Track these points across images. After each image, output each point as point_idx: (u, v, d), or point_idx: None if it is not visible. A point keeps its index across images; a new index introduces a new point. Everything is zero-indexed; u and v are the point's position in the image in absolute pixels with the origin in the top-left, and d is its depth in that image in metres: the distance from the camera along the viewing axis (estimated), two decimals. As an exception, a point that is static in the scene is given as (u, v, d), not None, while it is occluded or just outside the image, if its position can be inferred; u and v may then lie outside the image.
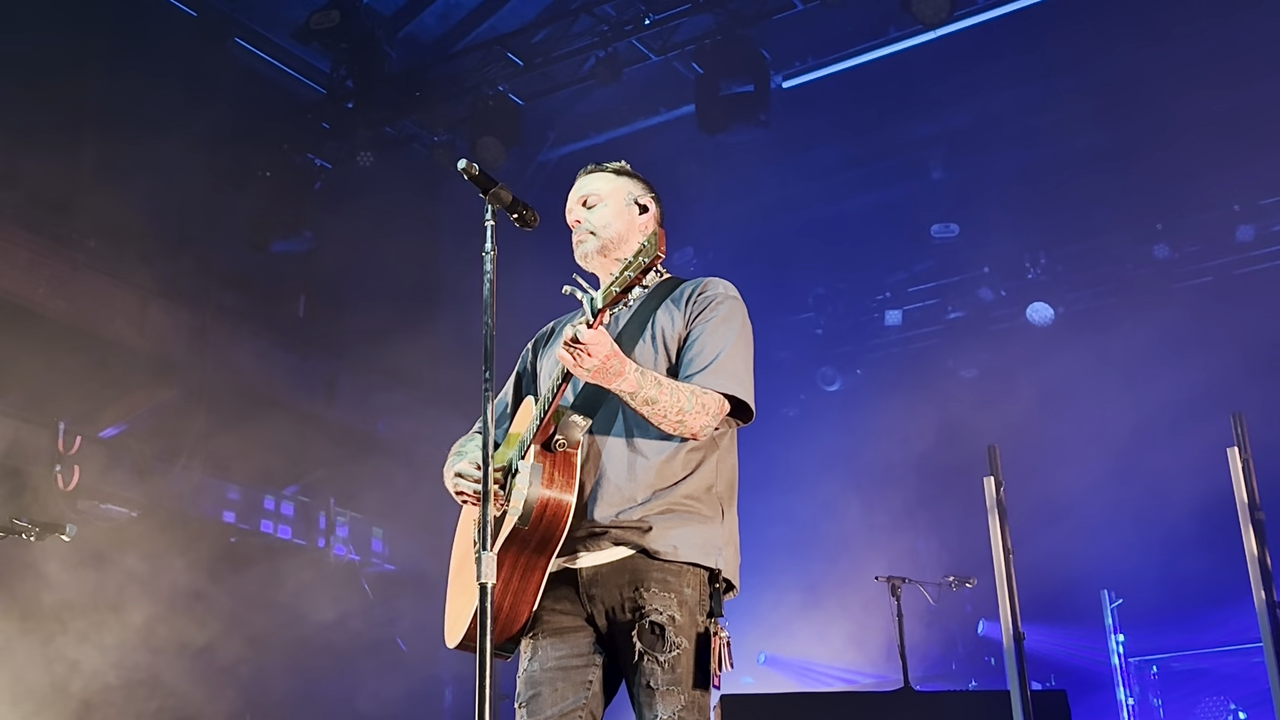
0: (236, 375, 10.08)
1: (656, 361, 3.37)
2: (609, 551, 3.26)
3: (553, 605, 3.30)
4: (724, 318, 3.39)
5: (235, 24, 10.04)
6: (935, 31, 9.31)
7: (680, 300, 3.45)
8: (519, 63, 9.91)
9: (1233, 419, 6.33)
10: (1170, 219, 10.68)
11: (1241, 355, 9.56)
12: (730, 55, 9.40)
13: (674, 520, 3.25)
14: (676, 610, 3.19)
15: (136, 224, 9.22)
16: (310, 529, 10.81)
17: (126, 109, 9.34)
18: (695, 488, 3.31)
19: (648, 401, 3.17)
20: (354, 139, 10.19)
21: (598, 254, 3.52)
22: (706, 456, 3.36)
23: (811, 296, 12.16)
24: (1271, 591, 6.03)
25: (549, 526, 3.17)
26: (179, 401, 9.74)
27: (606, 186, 3.60)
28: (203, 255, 10.12)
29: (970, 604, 10.37)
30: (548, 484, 3.17)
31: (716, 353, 3.32)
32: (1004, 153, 10.61)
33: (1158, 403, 9.73)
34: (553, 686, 3.27)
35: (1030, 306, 11.04)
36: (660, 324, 3.41)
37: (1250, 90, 9.88)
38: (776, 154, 10.37)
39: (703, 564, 3.26)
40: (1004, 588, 6.74)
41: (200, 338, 9.96)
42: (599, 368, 3.06)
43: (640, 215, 3.59)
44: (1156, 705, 9.64)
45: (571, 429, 3.21)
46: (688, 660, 3.17)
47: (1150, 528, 9.82)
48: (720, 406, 3.28)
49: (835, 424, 11.50)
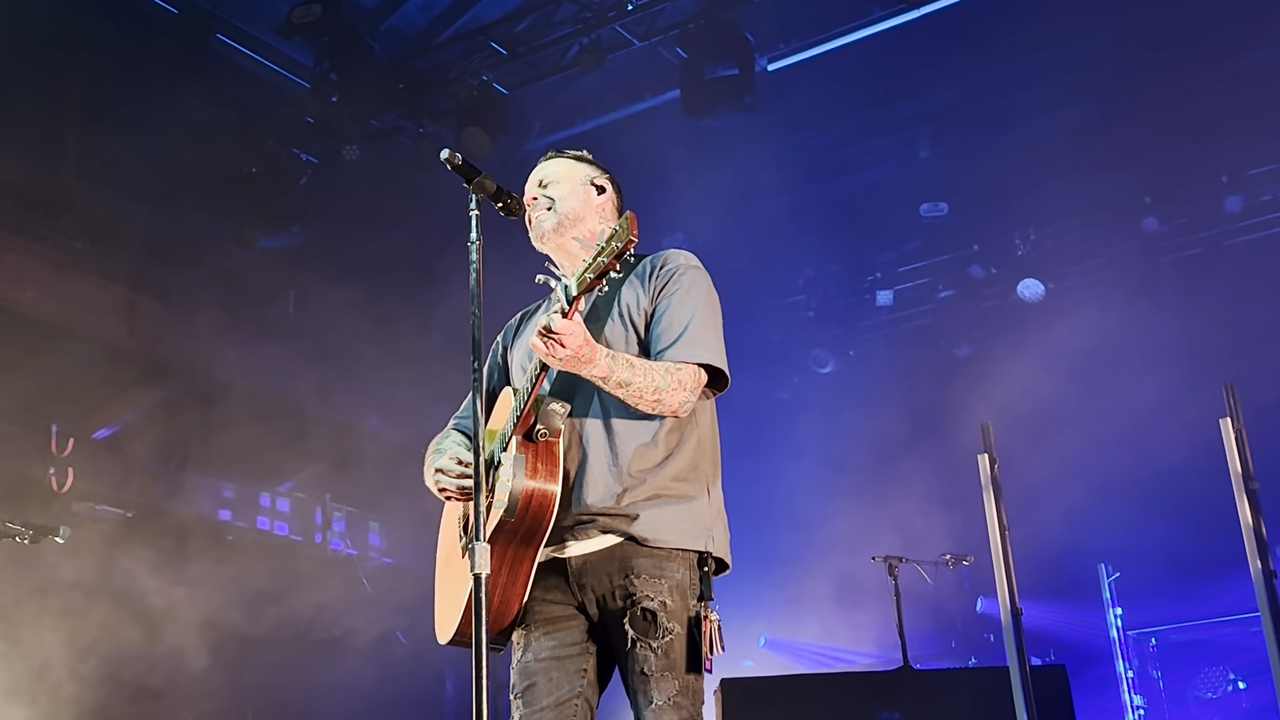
0: (228, 373, 10.05)
1: (627, 340, 3.36)
2: (597, 540, 3.26)
3: (543, 595, 3.31)
4: (687, 288, 3.39)
5: (217, 20, 9.99)
6: (919, 10, 9.31)
7: (644, 276, 3.44)
8: (503, 52, 9.89)
9: (1225, 390, 6.33)
10: (1158, 191, 10.67)
11: (1232, 326, 9.56)
12: (714, 39, 9.38)
13: (660, 505, 3.25)
14: (667, 596, 3.19)
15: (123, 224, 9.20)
16: (307, 525, 10.80)
17: (110, 109, 9.32)
18: (680, 468, 3.30)
19: (621, 385, 3.16)
20: (339, 133, 10.16)
21: (554, 232, 3.51)
22: (687, 434, 3.35)
23: (802, 279, 12.15)
24: (1268, 561, 6.04)
25: (535, 517, 3.17)
26: (171, 401, 9.73)
27: (563, 169, 3.61)
28: (191, 254, 10.09)
29: (969, 582, 10.39)
30: (531, 474, 3.17)
31: (685, 324, 3.32)
32: (991, 130, 10.59)
33: (1150, 375, 9.74)
34: (547, 676, 3.27)
35: (1021, 283, 11.03)
36: (626, 302, 3.40)
37: (1236, 61, 9.87)
38: (763, 137, 10.34)
39: (691, 548, 3.26)
40: (1000, 565, 6.75)
41: (191, 336, 9.95)
42: (572, 356, 3.06)
43: (598, 196, 3.59)
44: (1156, 677, 9.68)
45: (552, 417, 3.20)
46: (680, 645, 3.17)
47: (1146, 500, 9.82)
48: (696, 379, 3.27)
49: (829, 406, 11.49)
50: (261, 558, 9.71)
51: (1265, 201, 10.48)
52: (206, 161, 9.90)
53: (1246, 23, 9.62)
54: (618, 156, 3.99)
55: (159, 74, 9.61)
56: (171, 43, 9.78)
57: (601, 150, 3.78)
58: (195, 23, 9.85)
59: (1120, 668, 9.72)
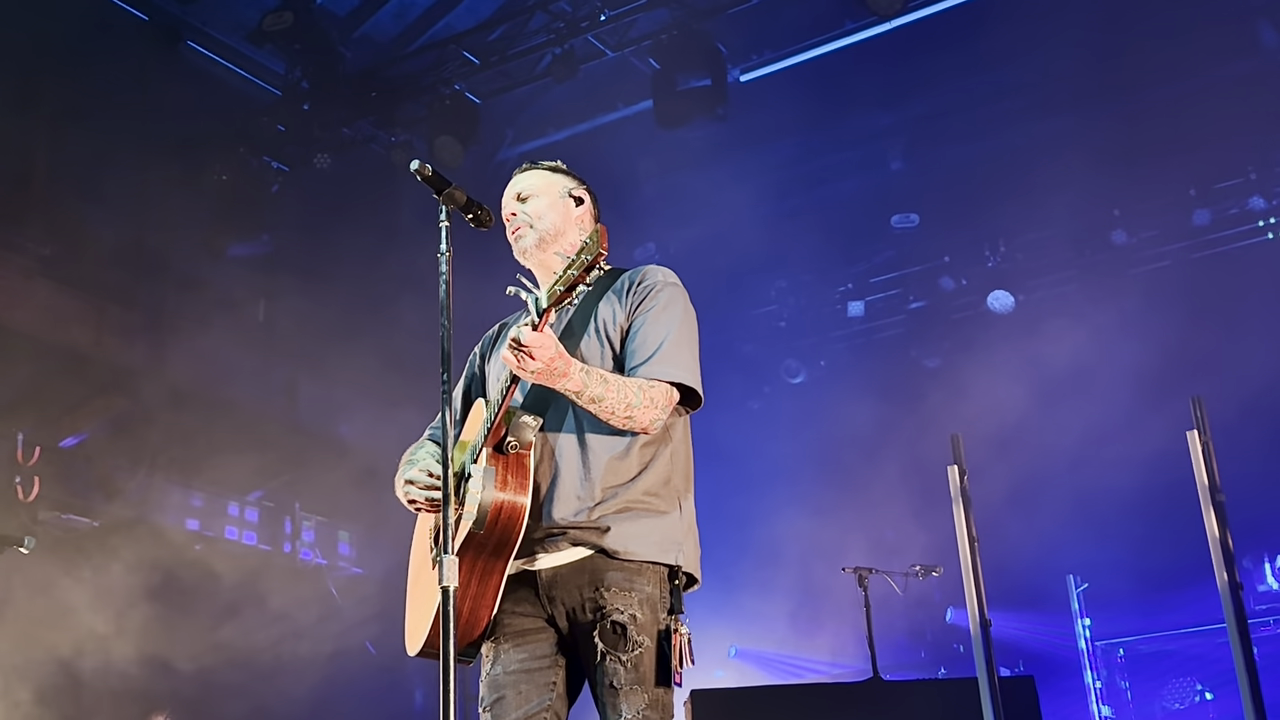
0: (196, 381, 9.98)
1: (602, 355, 3.35)
2: (568, 552, 3.25)
3: (513, 608, 3.30)
4: (664, 305, 3.38)
5: (188, 27, 9.94)
6: (891, 22, 9.34)
7: (621, 292, 3.43)
8: (475, 61, 9.88)
9: (1192, 402, 6.36)
10: (1127, 205, 10.74)
11: (1200, 338, 9.63)
12: (687, 50, 9.40)
13: (631, 518, 3.24)
14: (637, 609, 3.18)
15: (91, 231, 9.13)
16: (276, 534, 10.73)
17: (79, 115, 9.25)
18: (652, 483, 3.30)
19: (594, 400, 3.16)
20: (310, 141, 10.13)
21: (536, 248, 3.51)
22: (660, 449, 3.35)
23: (774, 289, 12.17)
24: (1234, 573, 6.07)
25: (505, 529, 3.16)
26: (139, 409, 9.65)
27: (541, 182, 3.60)
28: (160, 261, 10.03)
29: (938, 592, 10.41)
30: (501, 487, 3.15)
31: (660, 341, 3.31)
32: (962, 142, 10.65)
33: (1119, 387, 9.79)
34: (516, 689, 3.26)
35: (991, 294, 11.09)
36: (603, 317, 3.40)
37: (1203, 76, 9.95)
38: (735, 148, 10.37)
39: (662, 561, 3.25)
40: (970, 575, 6.76)
41: (159, 344, 9.87)
42: (543, 369, 3.05)
43: (576, 208, 3.58)
44: (1124, 687, 9.72)
45: (523, 430, 3.19)
46: (650, 659, 3.17)
47: (1114, 512, 9.88)
48: (669, 397, 3.27)
49: (800, 416, 11.52)
50: (229, 567, 9.64)
51: (1233, 215, 10.57)
52: (176, 168, 9.84)
53: (1214, 37, 9.70)
54: (590, 167, 3.98)
55: (129, 80, 9.56)
56: (142, 49, 9.73)
57: (574, 160, 3.77)
58: (166, 29, 9.80)
59: (1088, 678, 9.76)
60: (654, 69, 9.66)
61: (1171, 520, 7.91)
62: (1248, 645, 5.94)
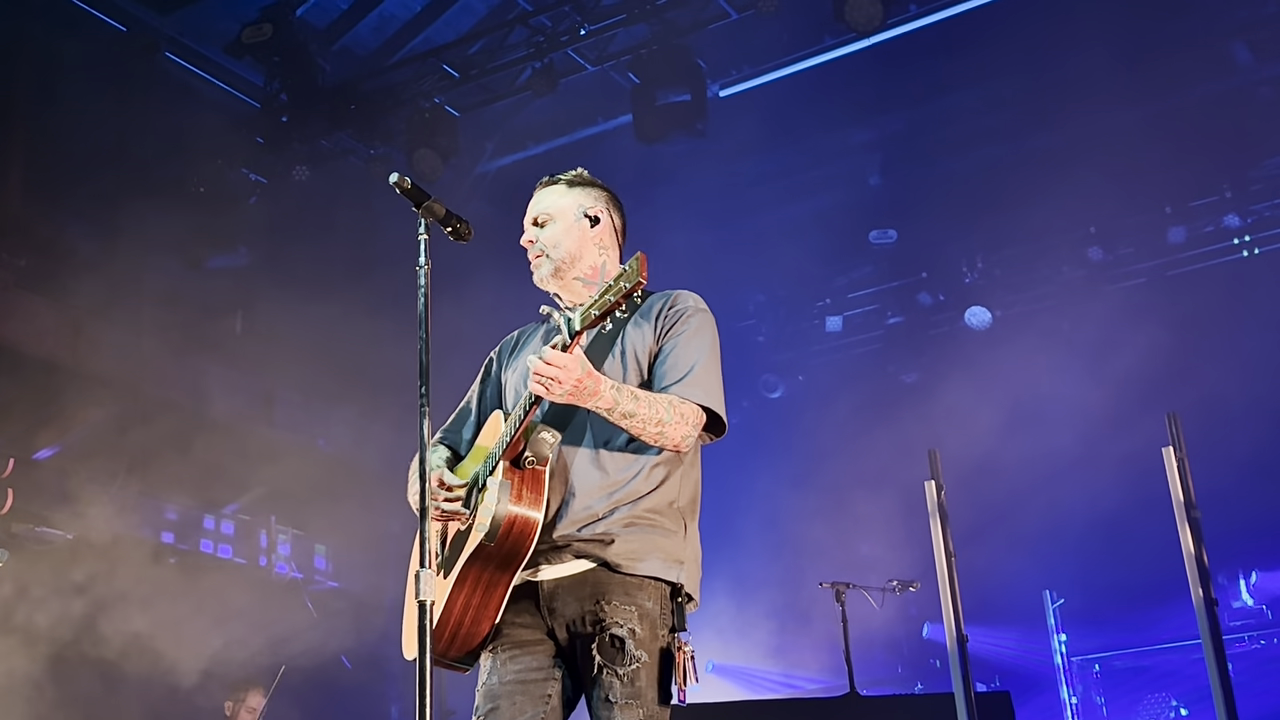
0: (173, 394, 9.93)
1: (626, 378, 3.36)
2: (570, 564, 3.26)
3: (513, 618, 3.30)
4: (695, 330, 3.41)
5: (166, 38, 9.89)
6: (869, 39, 9.38)
7: (650, 315, 3.44)
8: (455, 74, 9.88)
9: (1168, 419, 6.40)
10: (1103, 222, 10.81)
11: (1175, 355, 9.68)
12: (666, 65, 9.43)
13: (636, 534, 3.25)
14: (637, 623, 3.19)
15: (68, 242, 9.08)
16: (251, 548, 10.66)
17: (55, 126, 9.20)
18: (658, 502, 3.31)
19: (626, 415, 3.16)
20: (289, 153, 10.10)
21: (553, 277, 3.50)
22: (671, 472, 3.36)
23: (752, 304, 12.20)
24: (1209, 589, 6.10)
25: (515, 544, 3.17)
26: (114, 421, 9.59)
27: (557, 203, 3.57)
28: (136, 273, 9.97)
29: (915, 607, 10.42)
30: (516, 501, 3.16)
31: (690, 366, 3.33)
32: (940, 159, 10.70)
33: (1094, 403, 9.85)
34: (511, 700, 3.26)
35: (968, 310, 11.15)
36: (631, 340, 3.41)
37: (1180, 94, 10.02)
38: (714, 162, 10.39)
39: (664, 578, 3.26)
40: (946, 591, 6.78)
41: (135, 356, 9.82)
42: (573, 391, 3.06)
43: (592, 228, 3.56)
44: (1099, 703, 9.74)
45: (541, 445, 3.20)
46: (648, 674, 3.17)
47: (1090, 528, 9.92)
48: (698, 417, 3.29)
49: (778, 431, 11.53)
50: (205, 581, 9.58)
51: (1208, 233, 10.65)
52: (154, 180, 9.80)
53: (1190, 56, 9.77)
54: (569, 181, 3.96)
55: (107, 91, 9.51)
56: (120, 60, 9.68)
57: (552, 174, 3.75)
58: (144, 40, 9.76)
59: (1064, 694, 9.78)
60: (634, 84, 9.68)
61: (1147, 536, 7.93)
62: (1223, 661, 5.97)
